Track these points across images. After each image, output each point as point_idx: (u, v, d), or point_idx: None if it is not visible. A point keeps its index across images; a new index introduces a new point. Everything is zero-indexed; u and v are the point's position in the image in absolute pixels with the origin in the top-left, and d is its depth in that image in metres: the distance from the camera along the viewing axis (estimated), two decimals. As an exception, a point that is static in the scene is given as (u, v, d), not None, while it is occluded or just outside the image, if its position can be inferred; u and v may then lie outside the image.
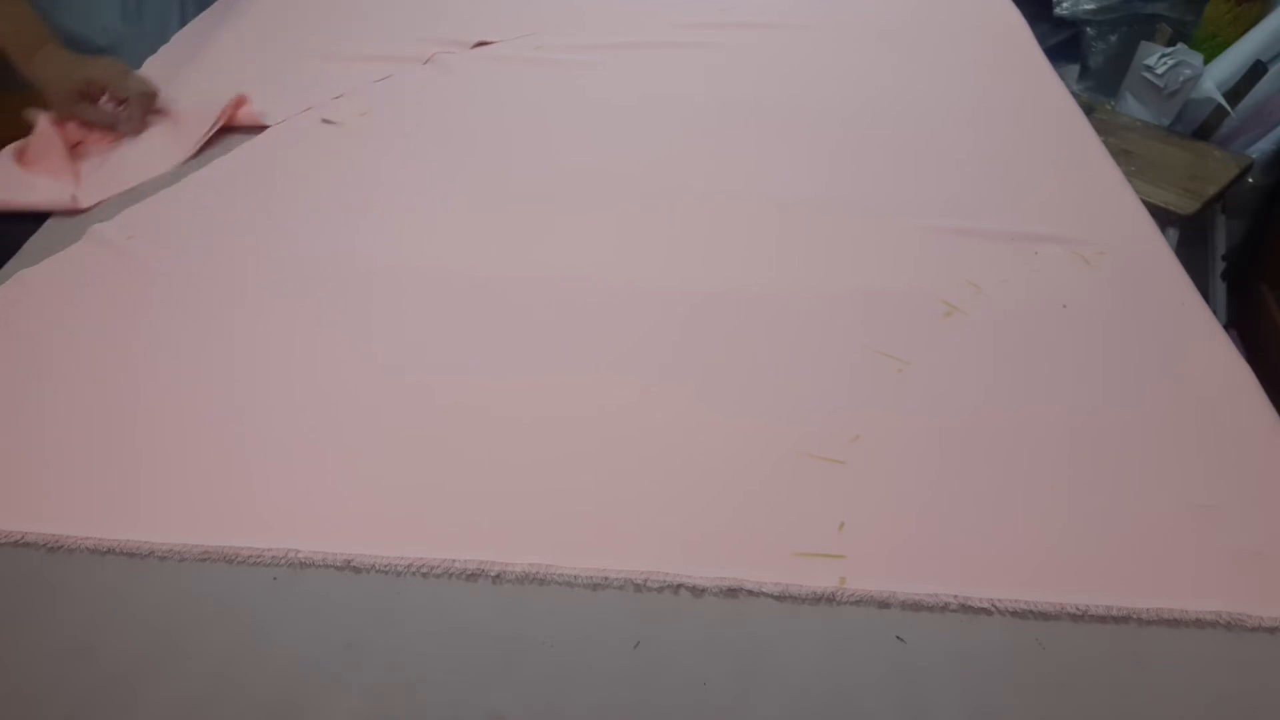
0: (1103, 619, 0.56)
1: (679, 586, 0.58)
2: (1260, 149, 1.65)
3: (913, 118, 1.10)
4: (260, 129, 1.06)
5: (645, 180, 0.98)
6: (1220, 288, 1.67)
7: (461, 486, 0.65)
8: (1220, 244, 1.66)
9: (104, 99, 1.03)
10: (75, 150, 1.01)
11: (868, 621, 0.57)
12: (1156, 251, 0.88)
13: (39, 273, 0.84)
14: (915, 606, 0.57)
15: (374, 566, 0.59)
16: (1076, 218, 0.92)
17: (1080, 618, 0.56)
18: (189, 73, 1.20)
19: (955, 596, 0.57)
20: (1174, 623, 0.56)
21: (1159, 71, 1.74)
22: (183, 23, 1.44)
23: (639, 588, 0.58)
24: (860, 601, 0.57)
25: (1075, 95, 1.17)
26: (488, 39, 1.26)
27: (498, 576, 0.59)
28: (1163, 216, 1.48)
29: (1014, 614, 0.57)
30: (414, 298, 0.82)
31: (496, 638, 0.56)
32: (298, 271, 0.85)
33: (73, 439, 0.68)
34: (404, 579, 0.59)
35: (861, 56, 1.25)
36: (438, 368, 0.74)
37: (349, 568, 0.59)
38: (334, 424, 0.69)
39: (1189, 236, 1.59)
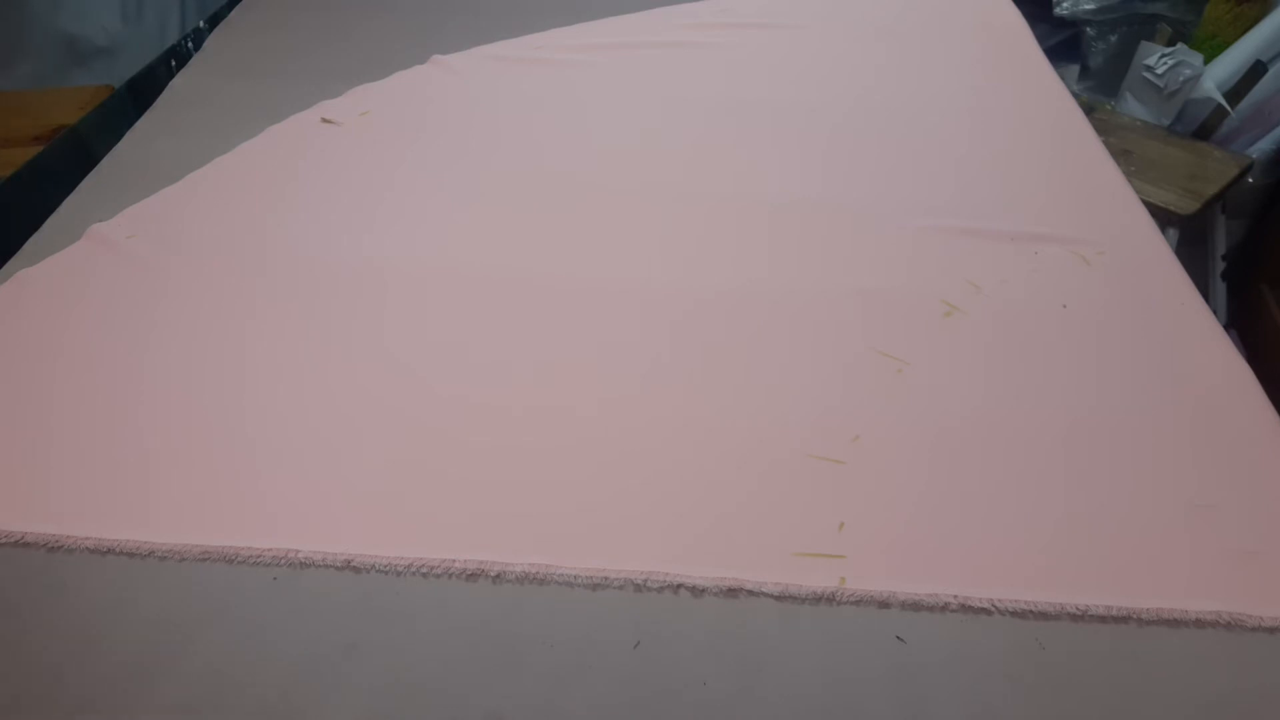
0: (1103, 619, 0.56)
1: (679, 586, 0.58)
2: (1260, 149, 1.65)
3: (913, 118, 1.10)
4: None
5: (647, 180, 0.98)
6: (1220, 288, 1.67)
7: (462, 488, 0.65)
8: (1220, 244, 1.66)
9: None
10: None
11: (868, 621, 0.57)
12: (1156, 251, 0.88)
13: (39, 273, 0.84)
14: (915, 606, 0.57)
15: (374, 566, 0.59)
16: (1076, 218, 0.92)
17: (1080, 618, 0.56)
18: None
19: (955, 596, 0.57)
20: (1173, 622, 0.56)
21: (1159, 71, 1.74)
22: (183, 23, 1.44)
23: (639, 588, 0.58)
24: (860, 601, 0.57)
25: (1075, 95, 1.17)
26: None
27: (498, 576, 0.59)
28: (1163, 216, 1.48)
29: (1014, 614, 0.57)
30: (414, 297, 0.82)
31: (496, 638, 0.56)
32: (295, 271, 0.85)
33: (73, 439, 0.68)
34: (404, 579, 0.59)
35: (862, 57, 1.25)
36: (438, 370, 0.74)
37: (349, 568, 0.59)
38: (334, 425, 0.69)
39: (1189, 236, 1.59)
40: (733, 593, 0.58)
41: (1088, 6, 1.98)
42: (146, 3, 1.69)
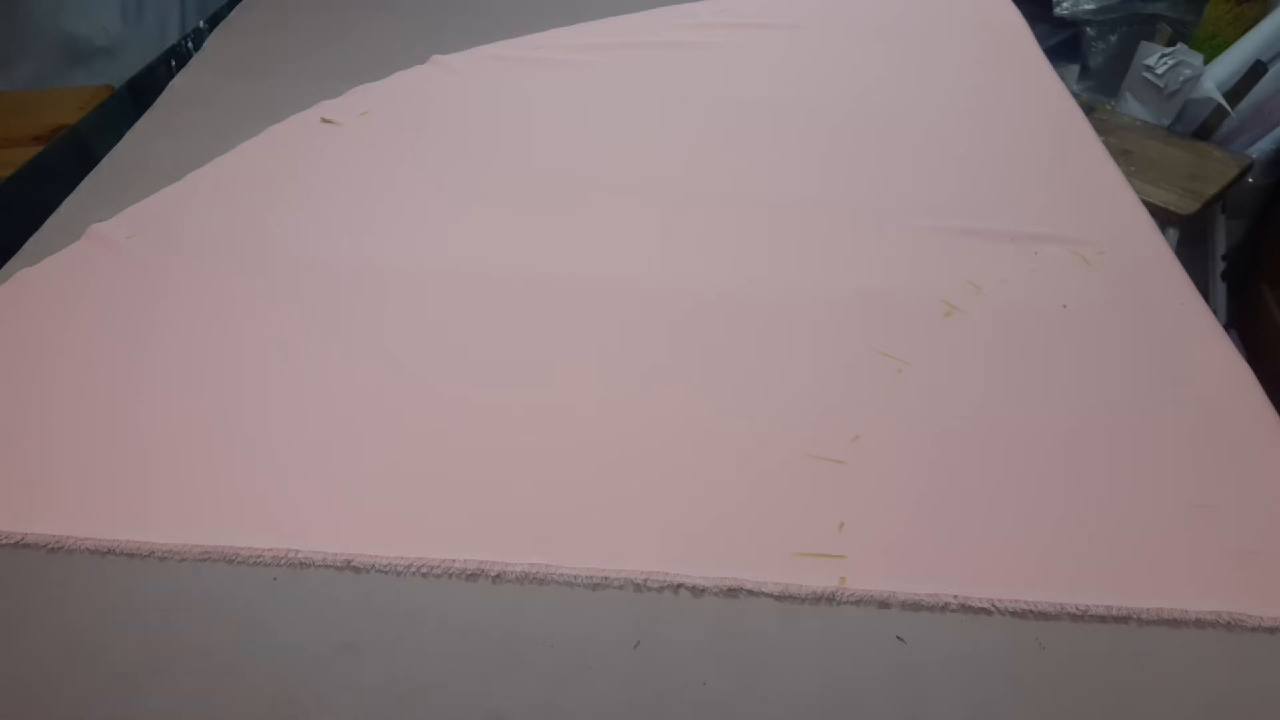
0: (1103, 619, 0.56)
1: (679, 586, 0.58)
2: (1260, 149, 1.65)
3: (914, 118, 1.10)
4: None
5: (647, 180, 0.98)
6: (1220, 288, 1.67)
7: (462, 488, 0.65)
8: (1220, 244, 1.66)
9: None
10: None
11: (868, 621, 0.57)
12: (1156, 251, 0.88)
13: (39, 273, 0.84)
14: (915, 606, 0.57)
15: (374, 566, 0.59)
16: (1076, 218, 0.92)
17: (1080, 618, 0.56)
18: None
19: (955, 596, 0.57)
20: (1174, 622, 0.56)
21: (1159, 71, 1.74)
22: (183, 23, 1.44)
23: (639, 588, 0.58)
24: (860, 601, 0.57)
25: (1075, 95, 1.17)
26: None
27: (498, 576, 0.59)
28: (1163, 216, 1.48)
29: (1014, 614, 0.57)
30: (414, 297, 0.82)
31: (496, 638, 0.56)
32: (295, 271, 0.85)
33: (73, 439, 0.68)
34: (404, 579, 0.59)
35: (862, 57, 1.25)
36: (438, 370, 0.74)
37: (349, 568, 0.59)
38: (334, 425, 0.69)
39: (1189, 236, 1.59)
40: (733, 593, 0.58)
41: (1088, 6, 1.98)
42: (146, 3, 1.69)
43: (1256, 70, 1.68)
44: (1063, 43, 2.06)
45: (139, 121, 1.12)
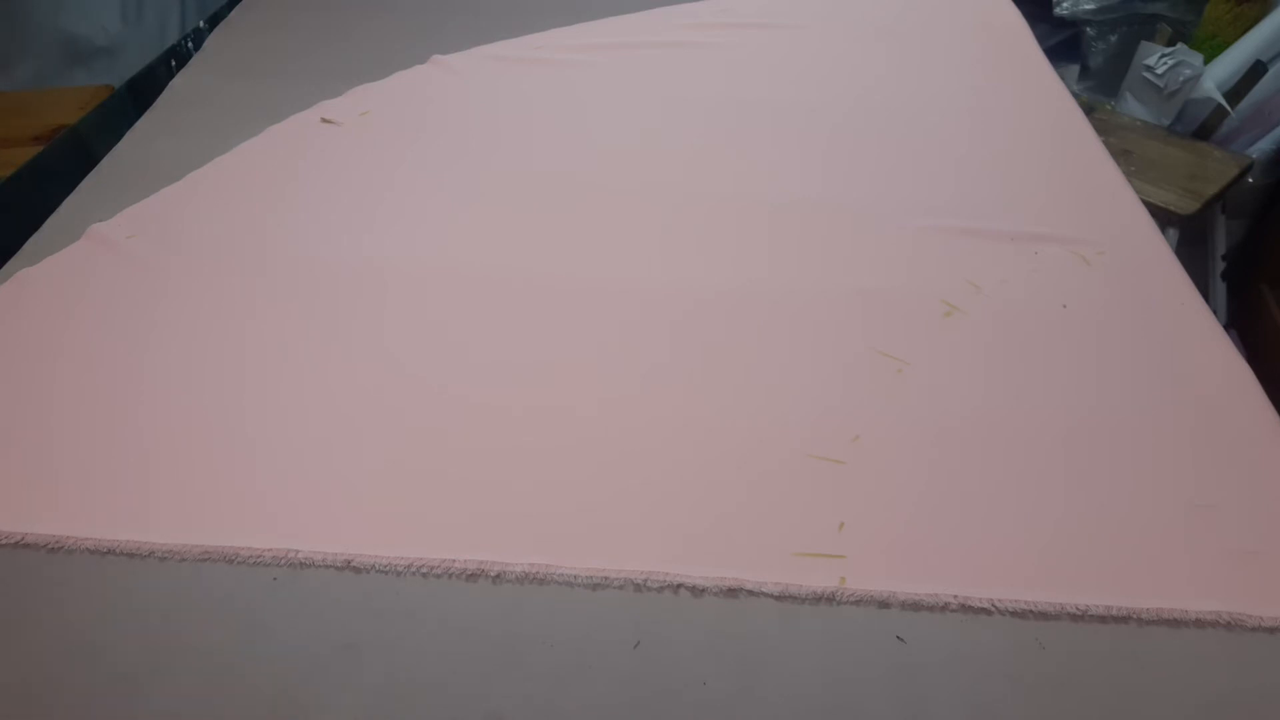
0: (1103, 619, 0.56)
1: (679, 586, 0.58)
2: (1260, 149, 1.65)
3: (913, 118, 1.10)
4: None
5: (647, 180, 0.98)
6: (1220, 288, 1.67)
7: (462, 488, 0.65)
8: (1220, 244, 1.66)
9: None
10: None
11: (868, 621, 0.57)
12: (1156, 251, 0.88)
13: (39, 273, 0.84)
14: (915, 606, 0.57)
15: (374, 566, 0.59)
16: (1076, 218, 0.92)
17: (1080, 618, 0.56)
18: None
19: (955, 596, 0.57)
20: (1174, 622, 0.56)
21: (1159, 71, 1.74)
22: (183, 23, 1.44)
23: (639, 588, 0.58)
24: (860, 601, 0.57)
25: (1075, 95, 1.17)
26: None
27: (498, 576, 0.59)
28: (1163, 216, 1.48)
29: (1014, 614, 0.57)
30: (414, 297, 0.82)
31: (496, 638, 0.56)
32: (295, 271, 0.85)
33: (73, 439, 0.68)
34: (404, 579, 0.59)
35: (862, 57, 1.25)
36: (438, 370, 0.74)
37: (349, 568, 0.59)
38: (334, 425, 0.69)
39: (1189, 236, 1.59)
40: (733, 593, 0.58)
41: (1088, 6, 1.98)
42: (146, 3, 1.70)
43: (1256, 70, 1.68)
44: (1063, 43, 2.06)
45: (139, 121, 1.12)
